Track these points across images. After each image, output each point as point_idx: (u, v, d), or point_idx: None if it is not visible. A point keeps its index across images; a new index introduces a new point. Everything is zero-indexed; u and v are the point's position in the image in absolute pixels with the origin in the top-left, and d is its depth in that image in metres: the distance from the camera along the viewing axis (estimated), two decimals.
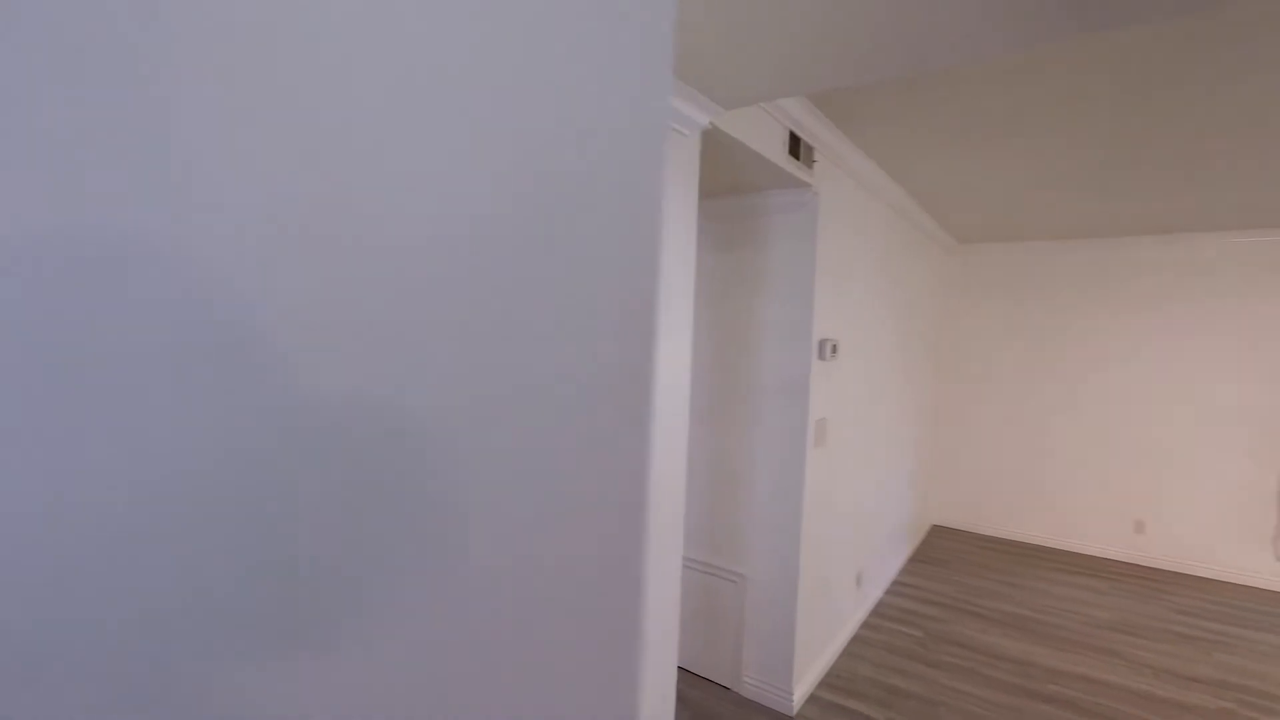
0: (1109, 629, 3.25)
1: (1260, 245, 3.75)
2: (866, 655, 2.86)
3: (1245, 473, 3.82)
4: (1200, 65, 1.69)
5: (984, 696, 2.57)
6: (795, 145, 2.13)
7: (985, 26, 1.12)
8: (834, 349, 2.46)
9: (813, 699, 2.51)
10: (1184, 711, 2.53)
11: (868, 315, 3.01)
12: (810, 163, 2.24)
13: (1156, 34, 1.55)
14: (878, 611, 3.32)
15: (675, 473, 1.61)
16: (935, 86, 1.93)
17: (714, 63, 1.35)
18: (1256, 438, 3.78)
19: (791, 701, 2.39)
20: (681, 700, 2.47)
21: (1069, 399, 4.40)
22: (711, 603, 2.60)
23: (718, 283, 2.58)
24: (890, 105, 2.10)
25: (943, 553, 4.30)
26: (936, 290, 4.59)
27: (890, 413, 3.52)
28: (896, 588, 3.65)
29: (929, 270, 4.26)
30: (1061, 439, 4.42)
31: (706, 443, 2.61)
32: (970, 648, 2.97)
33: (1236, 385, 3.83)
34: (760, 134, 1.92)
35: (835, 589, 2.82)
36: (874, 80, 1.36)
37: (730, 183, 2.32)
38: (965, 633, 3.13)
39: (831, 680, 2.65)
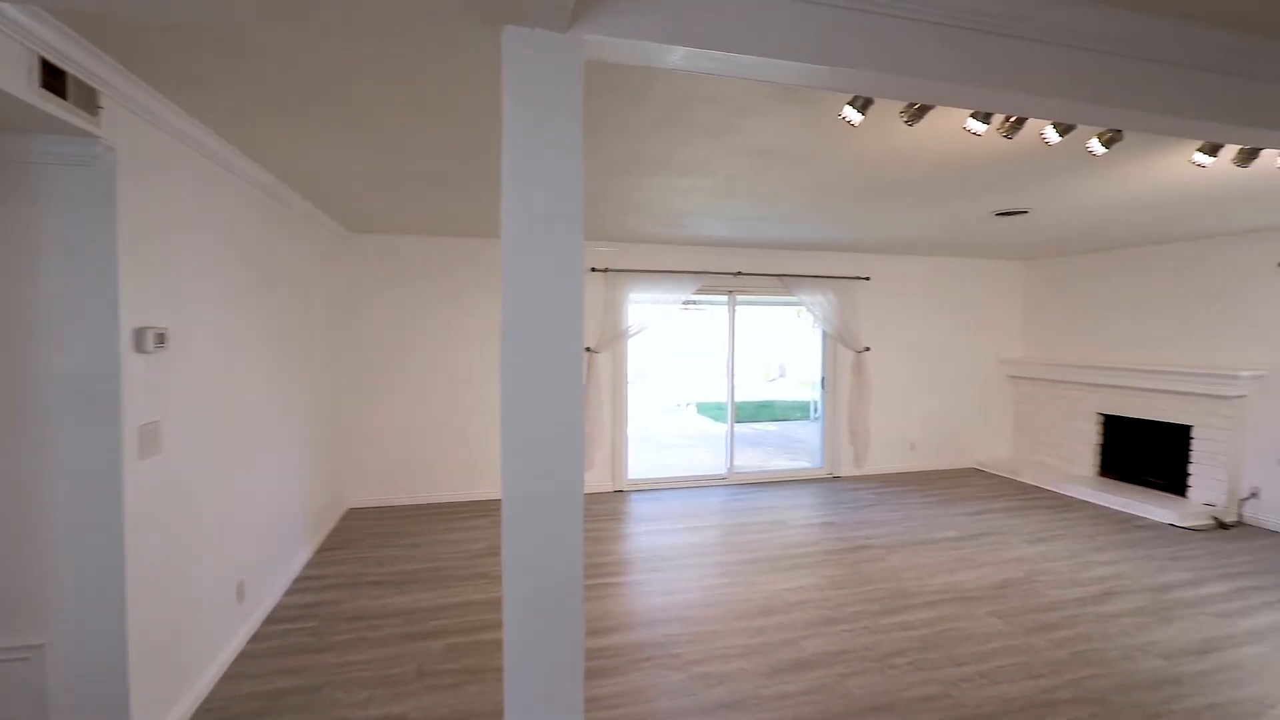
0: (483, 556, 4.00)
1: None
2: (250, 671, 2.63)
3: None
4: (458, 104, 2.16)
5: (369, 659, 2.75)
6: (59, 81, 1.66)
7: None
8: (160, 339, 2.09)
9: None
10: None
11: (226, 301, 2.70)
12: (93, 109, 1.80)
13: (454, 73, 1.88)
14: (272, 618, 3.11)
15: None
16: (250, 61, 1.82)
17: None
18: None
19: None
20: None
21: (445, 375, 5.18)
22: None
23: None
24: (208, 70, 1.88)
25: (354, 534, 4.40)
26: (330, 278, 4.58)
27: (271, 407, 3.31)
28: (298, 584, 3.52)
29: (318, 257, 4.19)
30: (444, 410, 5.18)
31: None
32: (363, 618, 3.13)
33: None
34: None
35: (203, 614, 2.47)
36: (107, 11, 1.15)
37: None
38: (361, 604, 3.28)
39: (200, 716, 2.32)
